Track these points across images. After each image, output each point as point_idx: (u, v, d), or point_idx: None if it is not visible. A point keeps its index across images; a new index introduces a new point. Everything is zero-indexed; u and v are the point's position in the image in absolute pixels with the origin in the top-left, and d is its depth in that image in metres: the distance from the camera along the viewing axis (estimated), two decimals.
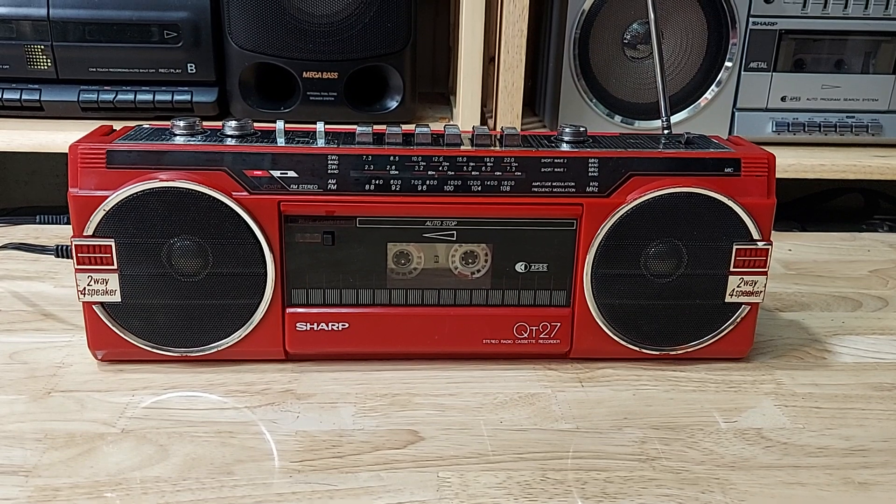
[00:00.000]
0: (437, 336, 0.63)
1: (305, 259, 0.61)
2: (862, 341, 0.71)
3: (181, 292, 0.60)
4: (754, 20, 1.02)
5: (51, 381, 0.60)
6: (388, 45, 1.01)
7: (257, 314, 0.61)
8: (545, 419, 0.57)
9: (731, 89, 1.05)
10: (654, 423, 0.57)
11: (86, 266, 0.59)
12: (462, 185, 0.60)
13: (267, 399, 0.59)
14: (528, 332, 0.64)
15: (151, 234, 0.58)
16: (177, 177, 0.58)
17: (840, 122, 1.07)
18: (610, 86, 1.04)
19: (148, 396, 0.59)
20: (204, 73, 1.01)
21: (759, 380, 0.64)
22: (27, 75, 0.99)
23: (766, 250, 0.62)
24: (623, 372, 0.64)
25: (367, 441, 0.54)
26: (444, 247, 0.62)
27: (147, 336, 0.61)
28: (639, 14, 1.03)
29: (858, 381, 0.64)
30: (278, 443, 0.54)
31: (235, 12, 0.98)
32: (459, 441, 0.54)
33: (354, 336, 0.63)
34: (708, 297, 0.63)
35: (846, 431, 0.57)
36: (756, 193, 0.61)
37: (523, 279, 0.63)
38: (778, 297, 0.80)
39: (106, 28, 0.98)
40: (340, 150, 0.60)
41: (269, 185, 0.59)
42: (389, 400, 0.59)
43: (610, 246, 0.61)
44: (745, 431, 0.56)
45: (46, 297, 0.75)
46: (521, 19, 0.96)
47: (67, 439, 0.53)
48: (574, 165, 0.61)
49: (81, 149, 0.58)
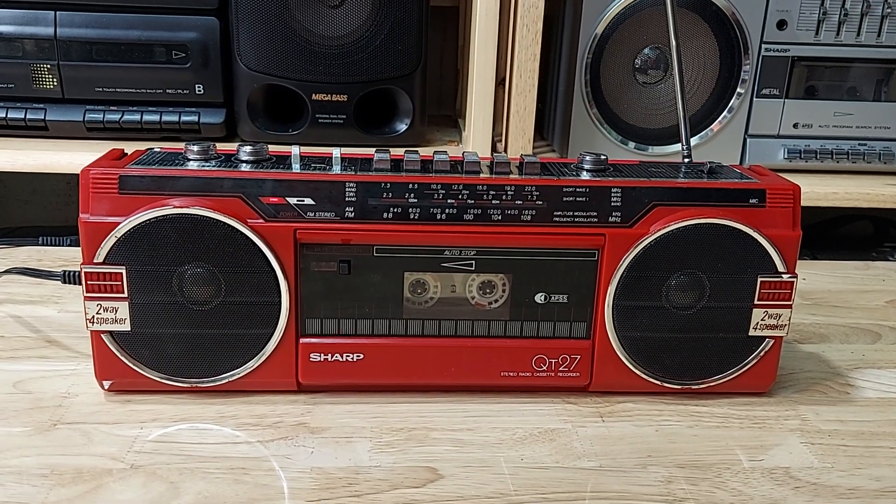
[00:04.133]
0: (454, 368, 0.62)
1: (320, 288, 0.59)
2: (885, 375, 0.70)
3: (192, 321, 0.58)
4: (767, 47, 1.02)
5: (56, 413, 0.58)
6: (397, 67, 1.00)
7: (270, 344, 0.59)
8: (567, 456, 0.56)
9: (743, 116, 1.04)
10: (679, 462, 0.55)
11: (95, 294, 0.57)
12: (482, 214, 0.59)
13: (280, 433, 0.57)
14: (548, 365, 0.62)
15: (164, 261, 0.57)
16: (191, 203, 0.56)
17: (852, 150, 1.06)
18: (621, 111, 1.03)
19: (157, 429, 0.57)
20: (212, 95, 1.00)
21: (783, 415, 0.62)
22: (32, 94, 0.98)
23: (792, 283, 0.61)
24: (644, 406, 0.63)
25: (384, 479, 0.52)
26: (461, 276, 0.61)
27: (156, 366, 0.59)
28: (650, 39, 1.02)
29: (884, 418, 0.63)
30: (292, 480, 0.52)
31: (244, 33, 0.97)
32: (480, 480, 0.52)
33: (369, 367, 0.61)
34: (731, 330, 0.62)
35: (876, 472, 0.55)
36: (781, 225, 0.60)
37: (543, 310, 0.62)
38: (796, 328, 0.79)
39: (113, 48, 0.97)
40: (358, 178, 0.58)
41: (286, 213, 0.57)
42: (406, 434, 0.57)
43: (632, 277, 0.60)
44: (773, 470, 0.55)
45: (51, 323, 0.73)
46: (535, 43, 0.95)
47: (74, 475, 0.51)
48: (597, 195, 0.59)
49: (93, 174, 0.56)
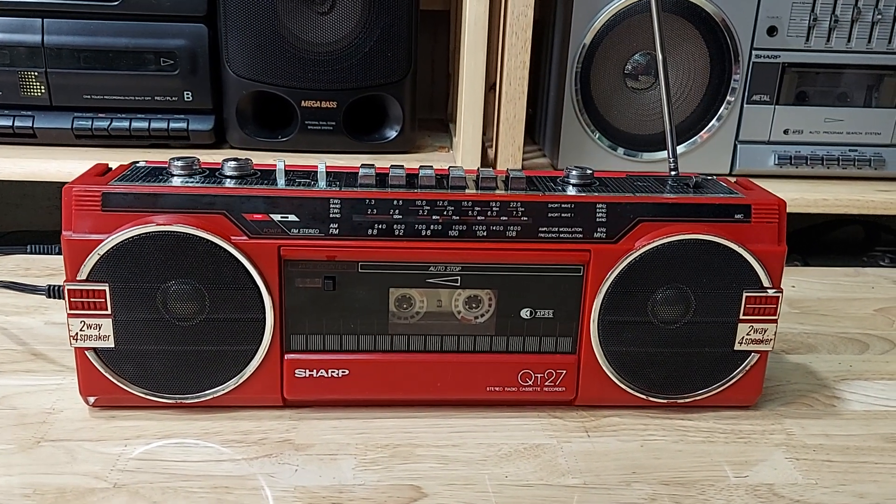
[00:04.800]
0: (440, 383, 0.62)
1: (305, 304, 0.59)
2: (871, 387, 0.70)
3: (176, 338, 0.58)
4: (757, 53, 1.02)
5: (41, 429, 0.58)
6: (388, 74, 1.00)
7: (255, 361, 0.59)
8: (551, 473, 0.56)
9: (734, 122, 1.04)
10: (663, 479, 0.56)
11: (79, 311, 0.57)
12: (467, 231, 0.59)
13: (265, 450, 0.57)
14: (533, 380, 0.62)
15: (147, 279, 0.56)
16: (174, 220, 0.56)
17: (843, 156, 1.06)
18: (612, 118, 1.03)
19: (141, 446, 0.57)
20: (201, 101, 1.00)
21: (768, 430, 0.62)
22: (20, 102, 0.98)
23: (777, 298, 0.61)
24: (629, 420, 0.63)
25: (368, 498, 0.52)
26: (447, 291, 0.61)
27: (141, 382, 0.59)
28: (641, 45, 1.02)
29: (870, 432, 0.63)
30: (276, 499, 0.52)
31: (233, 40, 0.97)
32: (464, 498, 0.52)
33: (354, 383, 0.61)
34: (717, 345, 0.62)
35: (860, 488, 0.55)
36: (767, 240, 0.60)
37: (528, 325, 0.61)
38: (784, 338, 0.79)
39: (101, 55, 0.96)
40: (343, 194, 0.58)
41: (269, 230, 0.57)
42: (391, 451, 0.57)
43: (617, 293, 0.60)
44: (757, 487, 0.55)
45: (36, 336, 0.73)
46: (524, 51, 0.95)
47: (57, 495, 0.51)
48: (582, 211, 0.59)
49: (76, 191, 0.56)
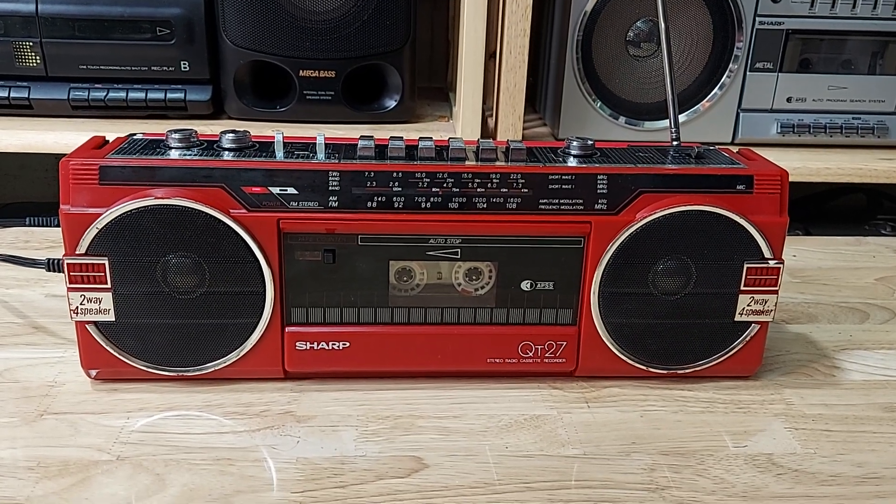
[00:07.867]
0: (440, 355, 0.62)
1: (305, 277, 0.59)
2: (871, 357, 0.70)
3: (177, 311, 0.58)
4: (761, 20, 1.00)
5: (43, 402, 0.58)
6: (386, 43, 0.98)
7: (256, 333, 0.59)
8: (551, 444, 0.56)
9: (737, 90, 1.03)
10: (662, 449, 0.56)
11: (78, 285, 0.57)
12: (467, 203, 0.58)
13: (266, 422, 0.57)
14: (534, 351, 0.62)
15: (146, 252, 0.56)
16: (172, 194, 0.56)
17: (846, 124, 1.05)
18: (614, 86, 1.02)
19: (143, 418, 0.57)
20: (198, 71, 0.99)
21: (767, 399, 0.63)
22: (15, 73, 0.97)
23: (778, 269, 0.61)
24: (630, 391, 0.63)
25: (370, 469, 0.52)
26: (447, 263, 0.61)
27: (142, 355, 0.59)
28: (643, 12, 1.01)
29: (869, 402, 0.63)
30: (278, 471, 0.52)
31: (230, 9, 0.95)
32: (465, 469, 0.53)
33: (355, 355, 0.61)
34: (717, 316, 0.62)
35: (858, 457, 0.56)
36: (768, 211, 0.60)
37: (529, 297, 0.61)
38: (784, 307, 0.79)
39: (97, 24, 0.95)
40: (342, 166, 0.58)
41: (268, 202, 0.57)
42: (392, 423, 0.58)
43: (618, 264, 0.60)
44: (756, 457, 0.55)
45: (37, 308, 0.73)
46: (524, 18, 0.93)
47: (61, 467, 0.51)
48: (582, 182, 0.59)
49: (73, 164, 0.56)
